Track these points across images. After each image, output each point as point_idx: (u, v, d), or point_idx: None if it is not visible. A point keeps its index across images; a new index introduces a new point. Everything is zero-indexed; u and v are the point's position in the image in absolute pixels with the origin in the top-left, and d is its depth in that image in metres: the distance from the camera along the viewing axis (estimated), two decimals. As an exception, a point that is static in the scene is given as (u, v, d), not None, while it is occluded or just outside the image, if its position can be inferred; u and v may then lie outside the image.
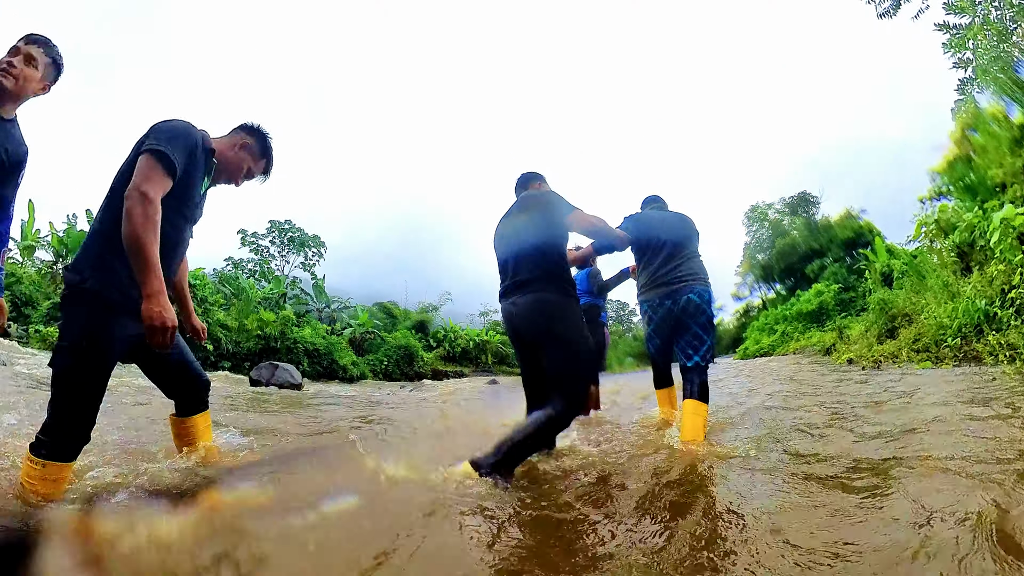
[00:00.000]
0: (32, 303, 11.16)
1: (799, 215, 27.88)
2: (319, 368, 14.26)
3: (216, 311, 13.13)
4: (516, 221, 2.16)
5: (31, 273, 12.29)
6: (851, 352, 6.76)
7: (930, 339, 5.33)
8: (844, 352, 7.06)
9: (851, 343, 7.37)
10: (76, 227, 14.31)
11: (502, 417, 3.06)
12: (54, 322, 10.37)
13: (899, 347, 5.76)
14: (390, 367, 17.16)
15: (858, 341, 7.09)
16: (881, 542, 1.18)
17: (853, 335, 7.51)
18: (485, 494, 1.60)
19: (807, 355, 9.94)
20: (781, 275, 27.13)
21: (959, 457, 1.82)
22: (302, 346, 13.79)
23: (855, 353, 6.61)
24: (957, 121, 9.45)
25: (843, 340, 7.90)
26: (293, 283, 24.47)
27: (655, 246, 2.63)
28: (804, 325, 11.86)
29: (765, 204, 30.46)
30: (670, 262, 2.57)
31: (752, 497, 1.59)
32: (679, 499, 1.62)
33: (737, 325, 36.15)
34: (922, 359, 5.25)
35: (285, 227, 27.18)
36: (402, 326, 23.19)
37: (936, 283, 6.03)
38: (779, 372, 7.19)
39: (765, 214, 30.02)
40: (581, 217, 2.10)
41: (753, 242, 30.64)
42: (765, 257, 29.14)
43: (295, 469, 2.07)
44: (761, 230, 30.07)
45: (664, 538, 1.30)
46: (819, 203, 27.90)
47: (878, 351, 6.09)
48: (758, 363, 10.78)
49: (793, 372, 6.89)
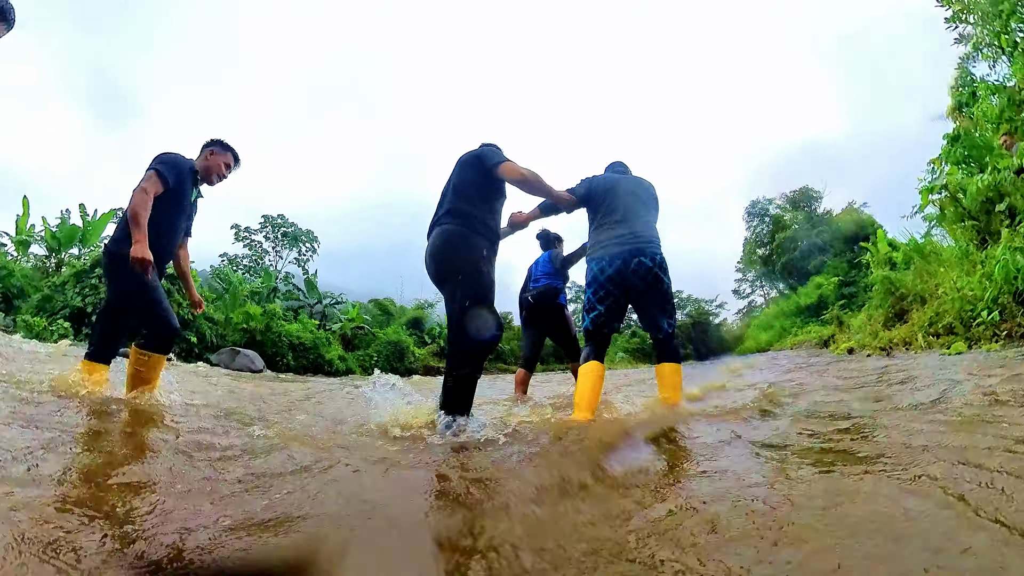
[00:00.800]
0: (23, 295, 11.56)
1: (800, 210, 27.02)
2: (304, 362, 14.25)
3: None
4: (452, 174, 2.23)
5: (23, 267, 12.65)
6: (852, 341, 5.65)
7: (954, 317, 4.13)
8: (843, 342, 5.99)
9: (852, 333, 6.26)
10: (69, 221, 14.53)
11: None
12: (43, 313, 10.79)
13: (912, 331, 4.66)
14: (380, 363, 17.22)
15: (860, 330, 5.92)
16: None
17: (855, 325, 6.40)
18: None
19: (805, 349, 9.22)
20: (782, 271, 26.27)
21: None
22: (286, 340, 13.82)
23: (857, 342, 5.51)
24: (953, 96, 9.17)
25: (843, 330, 6.83)
26: (286, 278, 24.64)
27: (608, 207, 2.42)
28: (803, 319, 11.10)
29: (766, 199, 29.64)
30: (623, 225, 2.34)
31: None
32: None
33: (740, 323, 35.43)
34: (948, 342, 4.01)
35: (278, 222, 27.01)
36: (397, 322, 23.29)
37: (952, 256, 4.96)
38: (766, 365, 6.44)
39: (766, 209, 29.21)
40: (509, 168, 2.08)
41: (753, 237, 29.83)
42: (765, 252, 28.36)
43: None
44: (761, 225, 29.28)
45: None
46: (821, 197, 27.02)
47: (886, 337, 4.98)
48: (747, 359, 10.05)
49: (789, 364, 5.95)
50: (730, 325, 42.06)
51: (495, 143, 2.33)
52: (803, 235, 25.56)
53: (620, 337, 37.01)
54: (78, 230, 14.49)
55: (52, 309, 11.18)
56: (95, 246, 14.77)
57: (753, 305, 35.10)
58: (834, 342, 6.60)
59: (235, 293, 15.71)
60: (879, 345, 4.90)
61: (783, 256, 26.13)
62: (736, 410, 2.23)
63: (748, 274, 33.67)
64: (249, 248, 26.34)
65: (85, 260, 12.59)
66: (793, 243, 25.79)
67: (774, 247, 27.41)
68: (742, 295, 35.89)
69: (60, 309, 11.17)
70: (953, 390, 2.32)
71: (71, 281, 11.58)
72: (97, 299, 11.10)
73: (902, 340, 4.70)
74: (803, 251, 24.76)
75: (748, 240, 30.25)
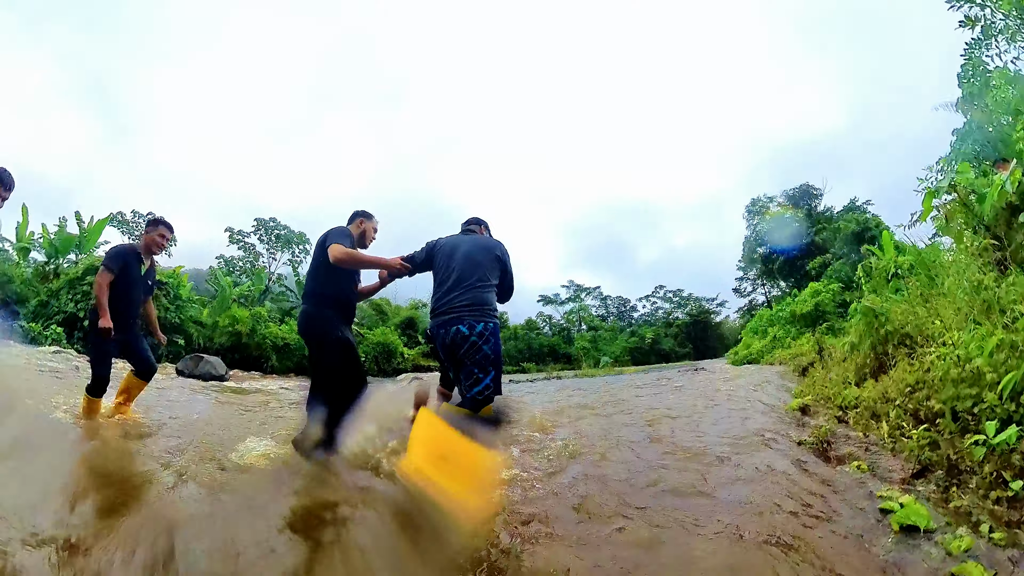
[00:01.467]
0: (23, 301, 11.85)
1: (801, 207, 26.68)
2: (289, 363, 14.37)
3: (190, 308, 13.43)
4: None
5: (23, 273, 12.94)
6: (813, 391, 4.09)
7: (948, 398, 2.21)
8: (809, 388, 4.34)
9: (829, 367, 4.82)
10: (66, 229, 15.01)
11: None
12: (41, 319, 11.14)
13: (884, 396, 2.85)
14: (368, 363, 17.21)
15: (835, 367, 4.54)
16: None
17: (837, 353, 4.95)
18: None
19: (786, 366, 8.59)
20: (781, 270, 25.99)
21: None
22: (271, 342, 14.01)
23: (814, 394, 3.93)
24: (965, 87, 8.53)
25: (823, 360, 5.49)
26: (278, 279, 24.81)
27: (443, 274, 2.52)
28: (798, 329, 10.68)
29: (766, 197, 29.29)
30: (452, 291, 2.43)
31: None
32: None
33: (741, 323, 35.18)
34: (927, 441, 2.16)
35: (271, 224, 27.00)
36: (391, 322, 23.42)
37: (957, 285, 3.25)
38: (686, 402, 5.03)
39: (766, 207, 28.88)
40: (333, 251, 2.47)
41: (753, 236, 29.53)
42: (765, 250, 28.07)
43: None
44: (762, 223, 28.96)
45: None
46: (822, 195, 26.66)
47: (850, 396, 3.24)
48: (720, 374, 9.48)
49: (705, 405, 4.54)
50: (732, 323, 41.81)
51: (346, 225, 2.87)
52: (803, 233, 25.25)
53: (620, 336, 36.98)
54: (74, 238, 14.91)
55: (48, 315, 11.39)
56: (90, 252, 15.02)
57: (754, 304, 34.87)
58: (810, 373, 5.33)
59: (224, 296, 15.95)
60: (838, 404, 3.34)
61: (782, 255, 25.86)
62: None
63: (749, 272, 33.39)
64: (243, 251, 26.43)
65: (78, 268, 12.64)
66: (793, 241, 25.51)
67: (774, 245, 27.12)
68: (743, 293, 35.65)
69: (55, 315, 11.37)
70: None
71: (65, 288, 11.79)
72: (88, 306, 11.21)
73: (867, 408, 2.91)
74: (803, 251, 24.46)
75: (748, 238, 29.96)
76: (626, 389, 7.25)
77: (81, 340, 10.38)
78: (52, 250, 14.58)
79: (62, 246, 14.59)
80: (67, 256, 14.86)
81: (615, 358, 31.03)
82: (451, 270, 2.47)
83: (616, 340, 35.09)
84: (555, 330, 35.92)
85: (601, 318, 41.80)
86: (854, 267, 18.84)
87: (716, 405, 4.50)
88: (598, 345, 33.29)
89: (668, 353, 33.86)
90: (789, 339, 10.21)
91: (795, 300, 11.51)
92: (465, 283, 2.41)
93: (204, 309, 14.73)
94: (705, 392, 5.84)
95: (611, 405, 5.05)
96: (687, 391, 6.17)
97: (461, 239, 2.62)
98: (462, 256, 2.49)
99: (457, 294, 2.40)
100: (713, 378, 8.39)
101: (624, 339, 35.28)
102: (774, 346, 10.46)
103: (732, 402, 4.63)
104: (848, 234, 20.81)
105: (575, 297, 39.72)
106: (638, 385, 7.99)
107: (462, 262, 2.47)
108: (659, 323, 39.48)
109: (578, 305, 38.41)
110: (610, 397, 5.93)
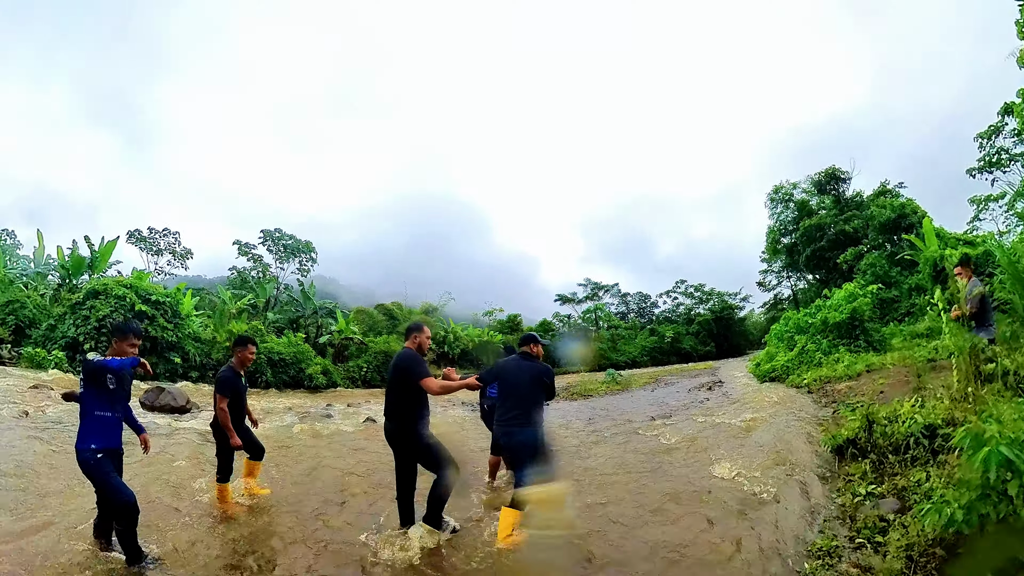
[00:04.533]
0: (35, 323, 12.12)
1: (827, 193, 25.02)
2: (284, 377, 14.35)
3: (189, 324, 13.50)
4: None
5: (36, 298, 13.27)
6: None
7: None
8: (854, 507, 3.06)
9: (900, 418, 3.52)
10: (79, 251, 15.81)
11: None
12: (49, 343, 11.35)
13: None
14: (369, 374, 16.87)
15: (906, 418, 3.38)
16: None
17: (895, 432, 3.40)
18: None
19: (815, 403, 6.82)
20: (808, 262, 24.40)
21: None
22: (265, 356, 13.86)
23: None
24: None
25: (871, 441, 3.72)
26: (286, 289, 25.11)
27: (504, 389, 3.48)
28: (830, 342, 9.47)
29: (790, 184, 27.65)
30: (512, 405, 3.38)
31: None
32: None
33: (767, 318, 33.49)
34: None
35: (276, 235, 27.15)
36: (401, 327, 23.12)
37: None
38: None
39: (790, 194, 27.25)
40: (429, 385, 3.25)
41: (777, 225, 27.95)
42: (790, 241, 26.49)
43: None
44: (785, 212, 27.37)
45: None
46: (850, 179, 24.92)
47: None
48: (736, 406, 7.64)
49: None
50: (757, 317, 39.93)
51: (405, 341, 3.54)
52: (831, 221, 23.66)
53: (640, 335, 35.75)
54: (85, 260, 15.54)
55: (54, 339, 11.61)
56: (99, 274, 15.56)
57: (779, 298, 33.20)
58: (877, 428, 3.80)
59: (223, 311, 16.11)
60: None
61: (809, 246, 24.34)
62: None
63: (773, 265, 31.79)
64: (252, 261, 26.72)
65: (80, 293, 12.80)
66: (820, 231, 23.94)
67: (799, 236, 25.62)
68: (768, 287, 34.01)
69: (59, 339, 11.53)
70: None
71: (68, 312, 11.98)
72: (88, 330, 11.39)
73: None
74: (832, 240, 22.91)
75: (771, 228, 28.37)
76: (585, 448, 5.82)
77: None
78: (65, 273, 15.30)
79: (73, 268, 15.22)
80: (80, 277, 15.48)
81: (632, 359, 30.01)
82: (505, 387, 3.47)
83: (636, 339, 34.00)
84: (573, 330, 35.07)
85: (621, 316, 40.69)
86: (891, 259, 17.46)
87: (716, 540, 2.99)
88: (617, 345, 32.28)
89: (689, 352, 32.60)
90: (819, 353, 9.06)
91: (827, 306, 10.22)
92: (515, 399, 3.39)
93: (209, 322, 14.93)
94: (698, 477, 4.33)
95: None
96: (673, 465, 4.79)
97: (512, 366, 3.50)
98: (512, 378, 3.44)
99: (511, 408, 3.36)
100: (724, 419, 6.84)
101: (643, 338, 34.15)
102: (802, 360, 9.32)
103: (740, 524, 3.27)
104: (882, 222, 19.26)
105: (593, 295, 38.72)
106: (613, 430, 6.74)
107: (513, 383, 3.43)
108: (680, 320, 38.13)
109: (595, 304, 37.40)
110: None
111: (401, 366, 3.27)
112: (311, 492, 4.28)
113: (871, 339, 9.60)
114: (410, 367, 3.24)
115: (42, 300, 13.53)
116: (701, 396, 9.83)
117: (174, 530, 3.30)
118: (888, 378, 6.66)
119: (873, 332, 9.72)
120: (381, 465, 4.86)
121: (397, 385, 3.27)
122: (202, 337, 13.57)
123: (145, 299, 12.34)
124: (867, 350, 9.18)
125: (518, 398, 3.33)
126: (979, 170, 17.25)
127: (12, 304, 12.24)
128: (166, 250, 26.76)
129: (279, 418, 8.23)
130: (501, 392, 3.47)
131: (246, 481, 4.13)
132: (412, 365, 3.25)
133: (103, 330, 11.13)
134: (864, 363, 7.72)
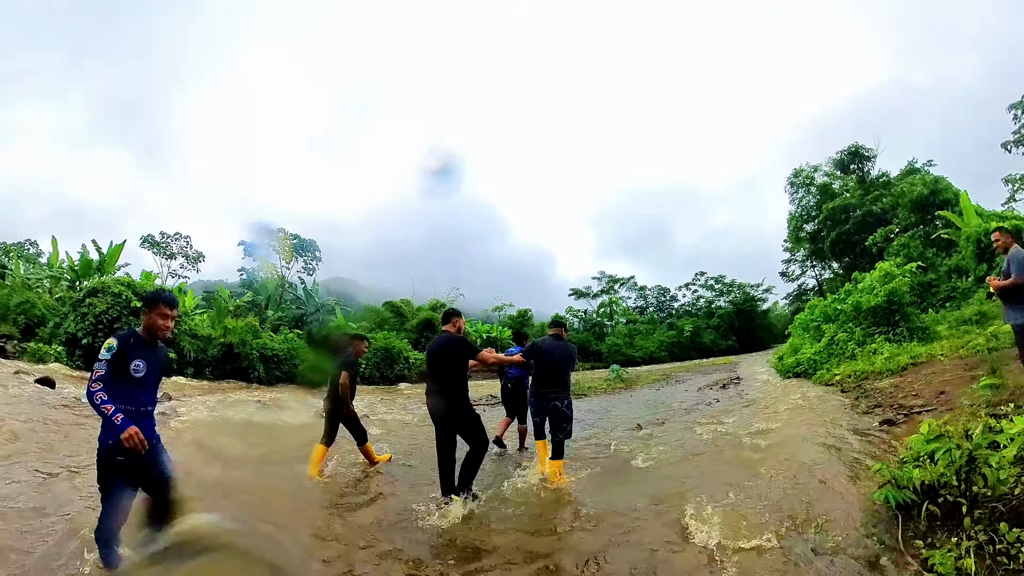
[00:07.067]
0: (44, 322, 12.60)
1: (851, 173, 23.64)
2: (278, 373, 14.50)
3: (188, 320, 13.85)
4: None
5: (47, 299, 14.01)
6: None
7: None
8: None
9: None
10: (89, 255, 16.51)
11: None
12: (55, 341, 11.73)
13: None
14: (367, 370, 16.63)
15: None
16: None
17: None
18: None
19: (852, 406, 5.41)
20: (833, 248, 23.05)
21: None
22: (257, 352, 14.15)
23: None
24: None
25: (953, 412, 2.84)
26: (291, 287, 25.27)
27: (541, 364, 4.30)
28: (864, 330, 8.17)
29: (811, 166, 26.30)
30: (548, 378, 4.26)
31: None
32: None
33: (791, 310, 31.97)
34: None
35: (281, 234, 27.13)
36: (409, 323, 22.85)
37: None
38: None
39: (811, 178, 25.90)
40: (487, 356, 3.87)
41: (799, 211, 26.63)
42: (813, 227, 25.18)
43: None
44: (807, 196, 26.03)
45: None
46: (875, 157, 23.48)
47: None
48: (751, 409, 6.54)
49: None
50: (781, 309, 38.27)
51: (443, 326, 3.94)
52: (856, 202, 22.31)
53: (659, 329, 34.70)
54: (94, 263, 16.22)
55: (59, 336, 12.01)
56: (107, 274, 16.08)
57: (804, 288, 31.70)
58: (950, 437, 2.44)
59: (220, 308, 16.29)
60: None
61: (834, 229, 23.03)
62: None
63: (796, 254, 30.36)
64: (259, 261, 26.86)
65: (79, 291, 13.13)
66: (845, 213, 22.60)
67: (822, 220, 24.30)
68: (791, 277, 32.55)
69: (61, 335, 11.92)
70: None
71: (70, 310, 12.34)
72: (86, 326, 11.61)
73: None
74: (858, 223, 21.56)
75: (793, 215, 27.06)
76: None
77: (81, 358, 11.09)
78: (75, 275, 16.09)
79: (82, 271, 15.97)
80: (89, 279, 15.87)
81: (649, 354, 29.04)
82: (544, 364, 4.27)
83: (654, 333, 32.96)
84: (587, 325, 34.22)
85: (639, 310, 39.65)
86: (925, 239, 16.17)
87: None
88: (634, 341, 31.33)
89: (709, 347, 31.39)
90: (852, 344, 7.88)
91: (858, 288, 8.94)
92: (556, 374, 4.26)
93: (197, 322, 15.03)
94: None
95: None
96: (599, 534, 2.80)
97: (551, 345, 4.31)
98: (551, 355, 4.26)
99: (551, 380, 4.23)
100: (731, 428, 5.56)
101: (662, 332, 33.09)
102: (831, 352, 8.14)
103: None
104: (913, 199, 17.93)
105: (608, 289, 37.79)
106: (575, 448, 5.09)
107: (551, 360, 4.26)
108: (701, 313, 36.87)
109: (610, 298, 36.45)
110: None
111: (453, 346, 3.64)
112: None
113: (913, 326, 8.18)
114: (465, 345, 3.70)
115: (52, 301, 14.10)
116: (711, 396, 8.65)
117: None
118: (942, 373, 5.46)
119: (914, 318, 8.41)
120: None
121: (448, 363, 3.59)
122: (200, 334, 13.79)
123: (141, 296, 12.50)
124: (910, 339, 7.83)
125: (555, 371, 4.20)
126: (1015, 143, 16.02)
127: (23, 304, 12.94)
128: (179, 253, 27.03)
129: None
130: (539, 366, 4.25)
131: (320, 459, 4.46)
132: (466, 344, 3.72)
133: (100, 326, 11.39)
134: (908, 355, 6.63)
